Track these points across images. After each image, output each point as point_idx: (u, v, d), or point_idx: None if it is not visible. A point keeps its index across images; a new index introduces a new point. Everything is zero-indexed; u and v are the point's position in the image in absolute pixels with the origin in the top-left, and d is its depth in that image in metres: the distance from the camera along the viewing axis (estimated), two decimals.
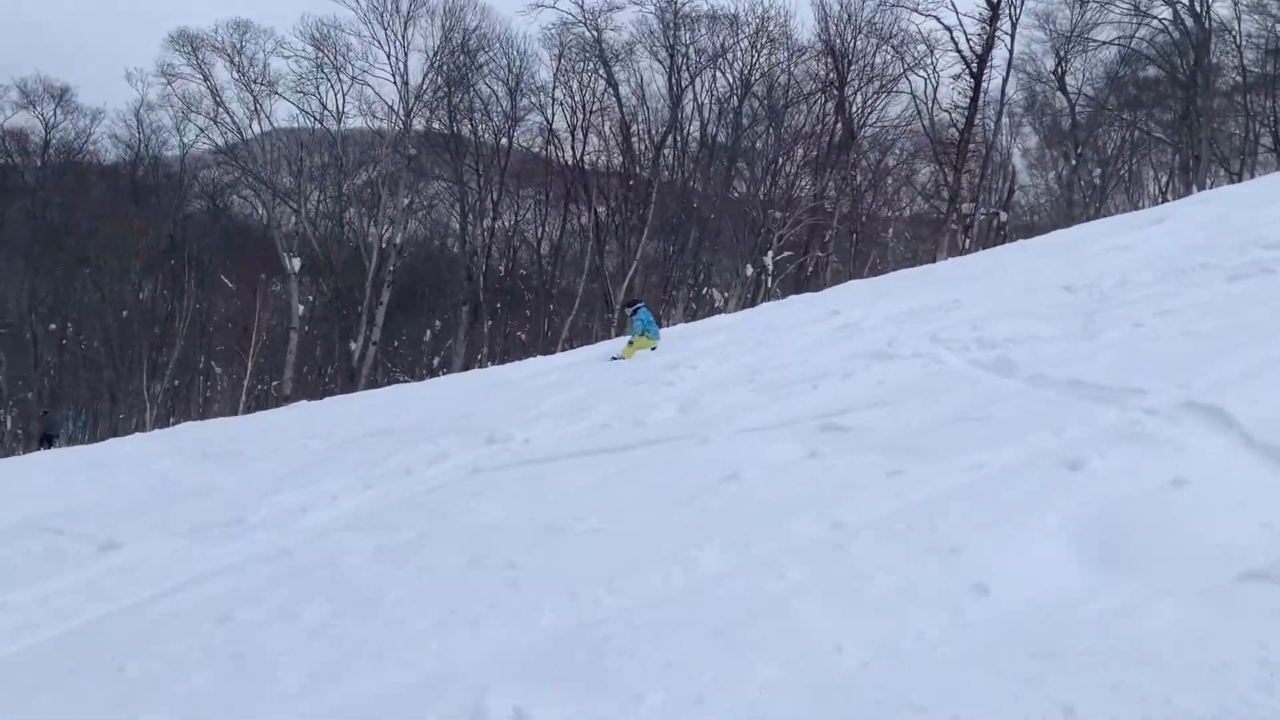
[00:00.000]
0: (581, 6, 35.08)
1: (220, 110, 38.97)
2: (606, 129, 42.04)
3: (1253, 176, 31.67)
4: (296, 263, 40.32)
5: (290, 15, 51.99)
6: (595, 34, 36.29)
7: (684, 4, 34.46)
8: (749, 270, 37.31)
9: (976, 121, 30.53)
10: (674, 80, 35.78)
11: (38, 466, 12.34)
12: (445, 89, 40.18)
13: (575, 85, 40.61)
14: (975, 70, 30.59)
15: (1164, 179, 41.74)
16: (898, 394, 5.70)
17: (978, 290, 9.44)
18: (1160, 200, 41.03)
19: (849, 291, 14.03)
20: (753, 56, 37.08)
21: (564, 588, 3.53)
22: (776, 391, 6.75)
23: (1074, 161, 34.52)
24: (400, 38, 39.67)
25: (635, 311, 13.92)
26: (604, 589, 3.43)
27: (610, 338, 35.87)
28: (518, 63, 40.60)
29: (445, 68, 39.99)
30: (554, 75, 41.01)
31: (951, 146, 31.60)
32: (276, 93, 38.28)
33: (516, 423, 7.75)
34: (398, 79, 39.77)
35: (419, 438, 8.20)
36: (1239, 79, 33.91)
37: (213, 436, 12.04)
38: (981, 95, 30.52)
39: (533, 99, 41.25)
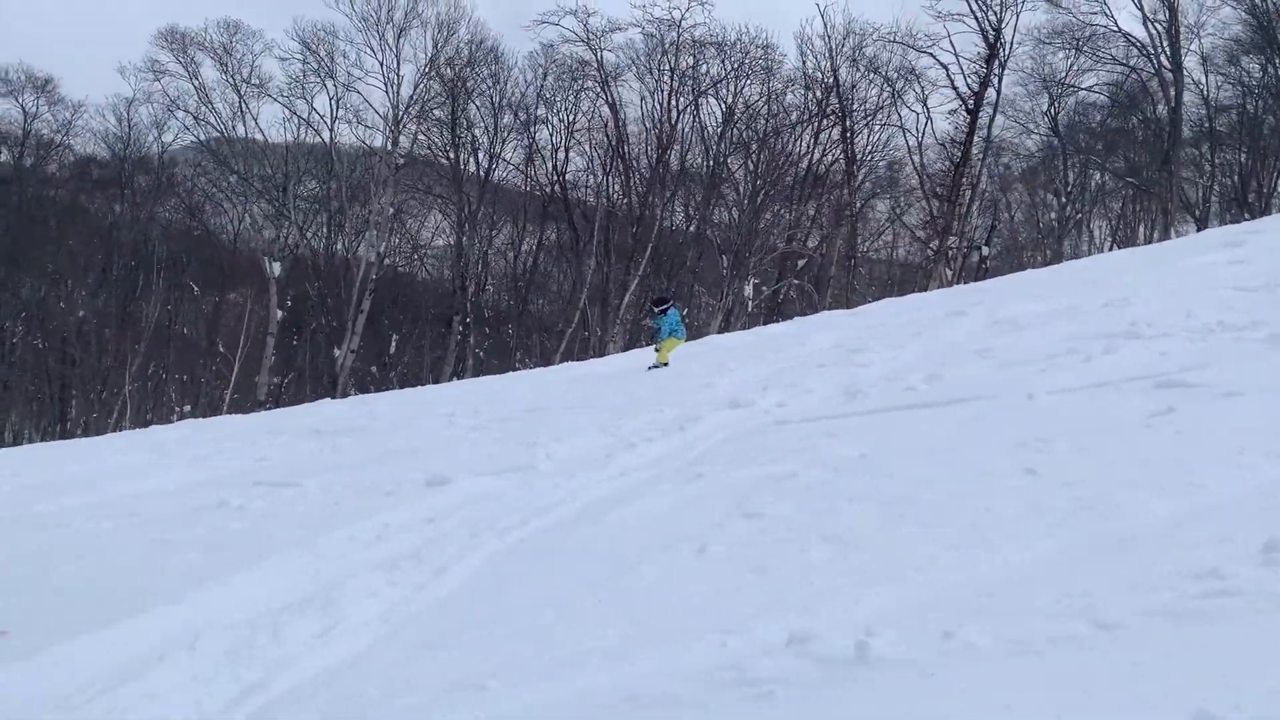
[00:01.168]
0: (585, 25, 35.44)
1: (205, 109, 38.25)
2: (589, 148, 42.51)
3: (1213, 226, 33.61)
4: (276, 267, 39.51)
5: (283, 19, 51.38)
6: (597, 54, 36.66)
7: (685, 30, 35.05)
8: (748, 290, 37.87)
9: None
10: (673, 103, 36.34)
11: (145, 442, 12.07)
12: (440, 99, 40.07)
13: (563, 105, 41.07)
14: (971, 107, 31.85)
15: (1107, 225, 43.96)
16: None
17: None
18: (1111, 246, 43.16)
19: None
20: (740, 85, 37.92)
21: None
22: (1016, 367, 7.02)
23: (1063, 199, 36.05)
24: (393, 48, 39.50)
25: (665, 310, 13.00)
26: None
27: (594, 355, 36.16)
28: (504, 79, 40.86)
29: (439, 79, 39.91)
30: (538, 94, 41.41)
31: (942, 181, 32.75)
32: (268, 94, 37.70)
33: (738, 394, 7.89)
34: (390, 89, 39.56)
35: (605, 410, 8.29)
36: (1205, 129, 35.98)
37: (296, 424, 11.92)
38: (976, 132, 31.76)
39: (518, 115, 41.48)
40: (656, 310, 13.14)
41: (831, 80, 34.33)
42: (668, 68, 36.18)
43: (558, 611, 3.54)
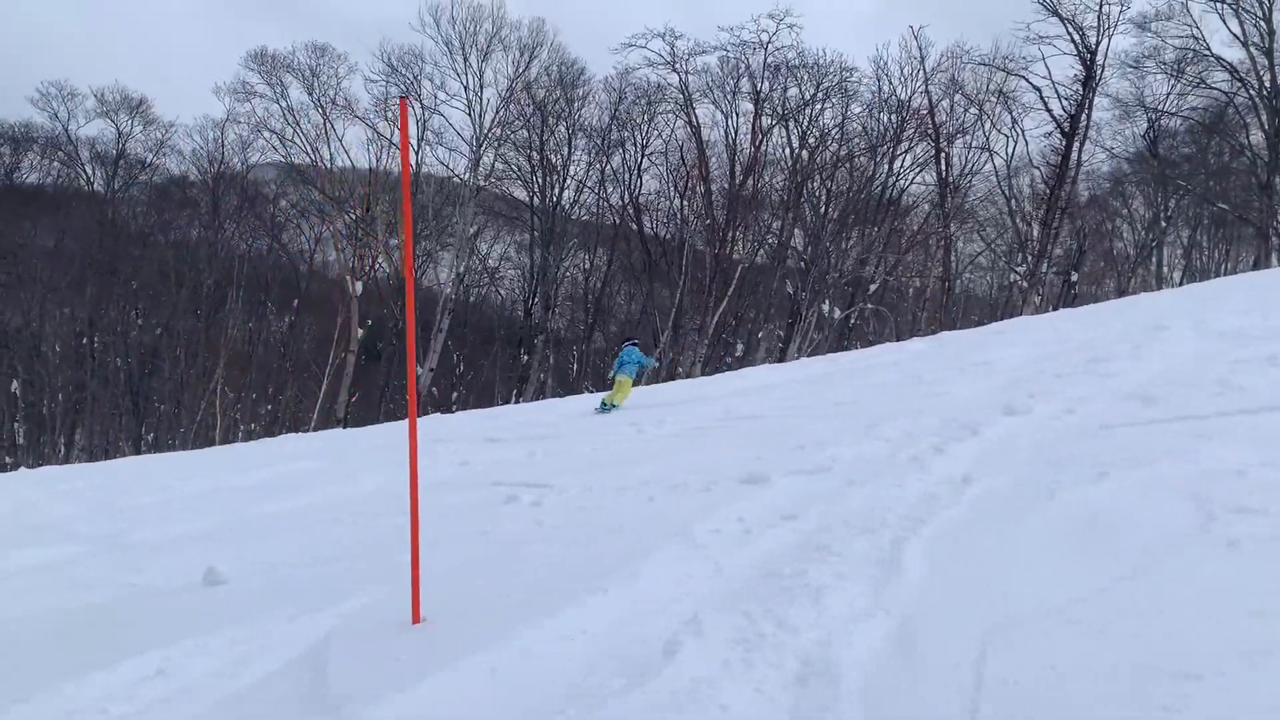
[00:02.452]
0: (672, 48, 35.57)
1: (293, 130, 38.87)
2: (665, 170, 42.56)
3: None
4: (358, 286, 39.90)
5: (370, 41, 52.75)
6: (681, 76, 36.77)
7: (771, 53, 35.04)
8: (836, 313, 37.57)
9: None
10: (757, 126, 36.27)
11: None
12: (520, 121, 40.42)
13: (638, 128, 41.16)
14: (1067, 130, 31.44)
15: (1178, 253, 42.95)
16: None
17: None
18: (1182, 275, 42.29)
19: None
20: (820, 107, 37.78)
21: None
22: None
23: (1163, 224, 35.38)
24: (476, 71, 39.95)
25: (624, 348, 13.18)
26: None
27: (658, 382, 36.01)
28: (581, 102, 41.07)
29: (519, 101, 40.27)
30: (612, 116, 41.61)
31: (1037, 205, 32.30)
32: (355, 115, 38.21)
33: (1001, 400, 7.64)
34: (472, 112, 39.95)
35: (836, 418, 8.07)
36: None
37: (489, 430, 11.86)
38: (1073, 155, 31.34)
39: (593, 139, 41.69)
40: (620, 347, 13.45)
41: (924, 102, 34.10)
42: (748, 90, 36.11)
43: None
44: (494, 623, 3.83)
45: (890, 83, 36.25)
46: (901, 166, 37.67)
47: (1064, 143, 31.52)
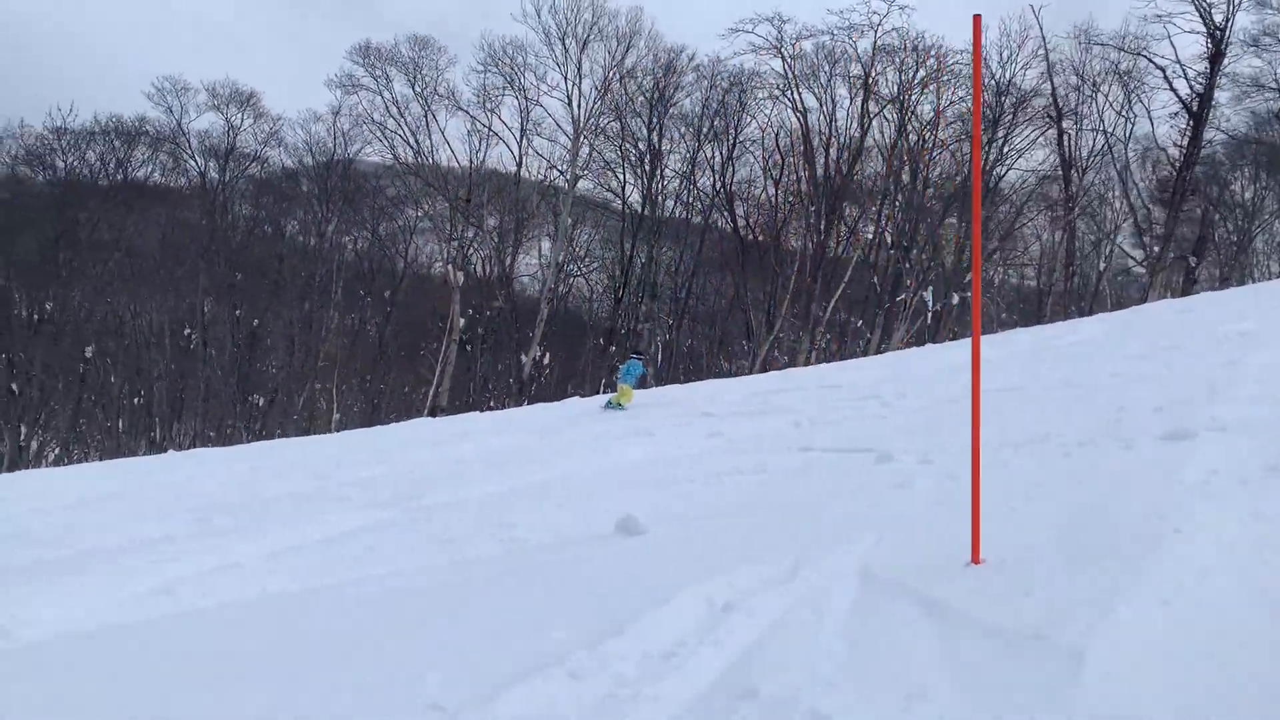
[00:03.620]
0: (780, 32, 35.17)
1: (397, 121, 39.29)
2: (762, 157, 42.18)
3: None
4: (460, 276, 40.20)
5: (471, 32, 53.29)
6: (786, 62, 36.37)
7: (880, 35, 34.48)
8: (928, 297, 36.99)
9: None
10: (865, 109, 35.78)
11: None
12: (616, 112, 40.36)
13: (729, 116, 40.79)
14: (1195, 110, 30.42)
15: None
16: None
17: None
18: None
19: None
20: (926, 91, 37.10)
21: None
22: None
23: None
24: (576, 62, 39.96)
25: (628, 361, 15.30)
26: None
27: (751, 372, 35.73)
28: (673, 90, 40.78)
29: (613, 95, 40.20)
30: (703, 106, 41.34)
31: (1164, 188, 31.34)
32: (459, 107, 38.45)
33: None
34: (572, 102, 39.98)
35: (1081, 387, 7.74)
36: None
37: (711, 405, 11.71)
38: (1202, 135, 30.32)
39: (690, 127, 41.46)
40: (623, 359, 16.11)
41: (1036, 84, 33.32)
42: (848, 75, 35.56)
43: None
44: (1064, 564, 3.62)
45: (989, 66, 35.45)
46: (1007, 151, 36.89)
47: (1190, 123, 30.51)
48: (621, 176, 42.77)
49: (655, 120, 41.29)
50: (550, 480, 7.69)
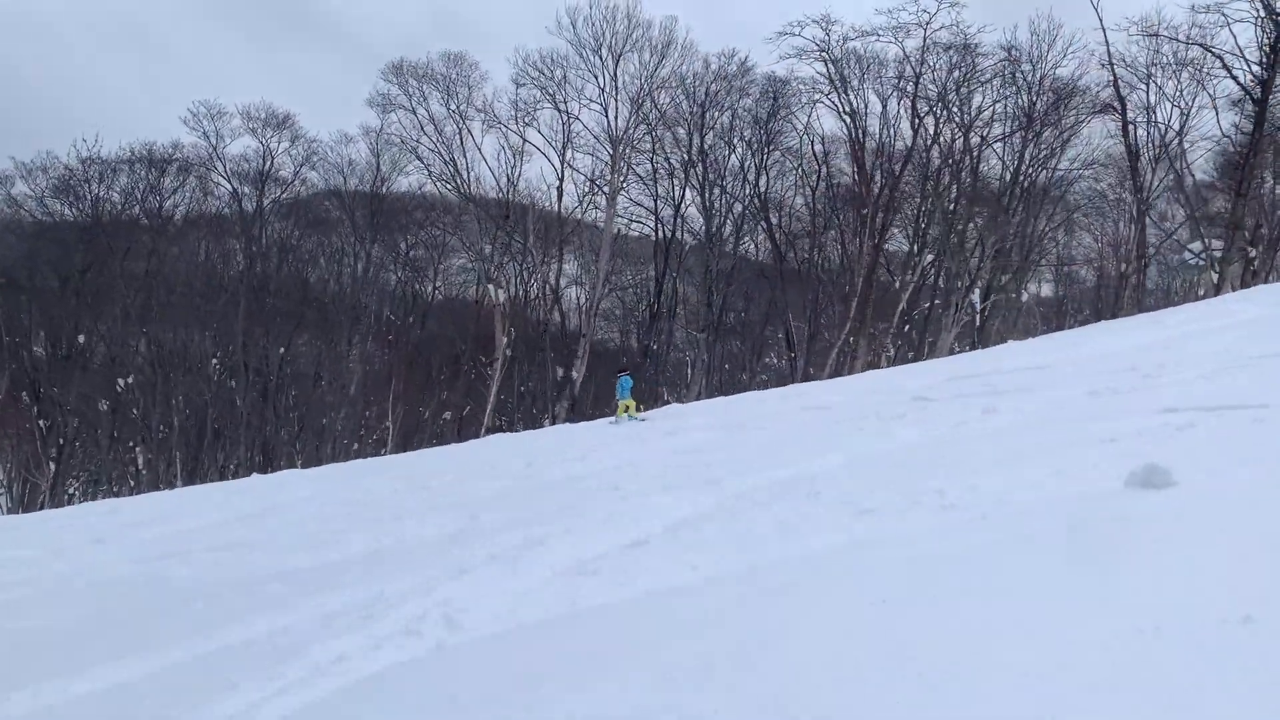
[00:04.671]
0: (827, 33, 34.72)
1: (433, 139, 38.65)
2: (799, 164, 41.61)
3: None
4: (500, 294, 39.46)
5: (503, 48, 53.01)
6: (832, 65, 35.91)
7: (932, 33, 34.08)
8: (976, 301, 36.45)
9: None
10: (915, 108, 35.35)
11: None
12: (654, 123, 39.80)
13: (762, 123, 40.22)
14: (1259, 96, 30.03)
15: None
16: None
17: None
18: None
19: None
20: (974, 88, 36.66)
21: None
22: None
23: None
24: (612, 74, 39.43)
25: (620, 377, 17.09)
26: None
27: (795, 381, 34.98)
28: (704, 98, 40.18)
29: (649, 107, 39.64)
30: (733, 113, 40.81)
31: (1232, 176, 30.88)
32: (497, 122, 37.84)
33: None
34: (608, 114, 39.43)
35: None
36: None
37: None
38: (1264, 121, 29.87)
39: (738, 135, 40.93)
40: (616, 377, 17.33)
41: (1093, 76, 32.96)
42: (904, 75, 35.17)
43: None
44: None
45: (1019, 64, 35.01)
46: (1053, 149, 36.46)
47: (1256, 110, 30.09)
48: (654, 189, 42.19)
49: (696, 130, 40.40)
50: (875, 454, 6.90)
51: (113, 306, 37.64)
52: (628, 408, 16.14)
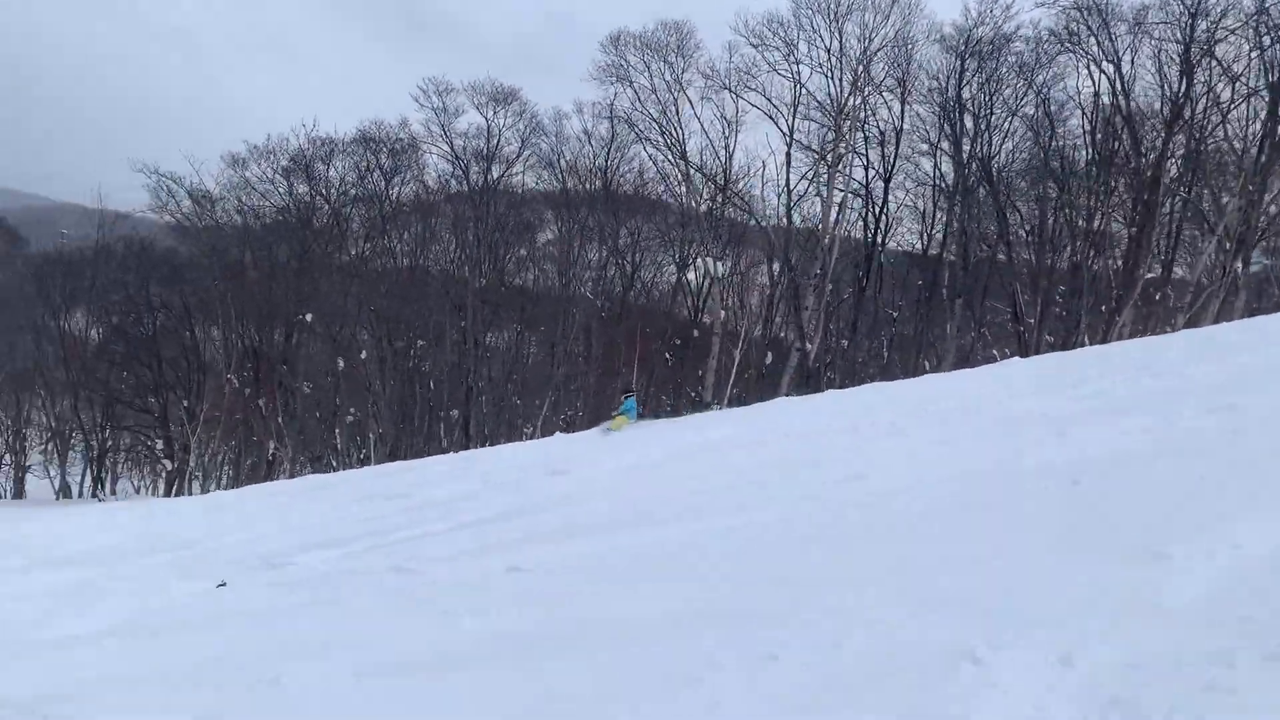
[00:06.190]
0: None
1: (655, 108, 37.89)
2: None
3: None
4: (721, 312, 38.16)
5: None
6: (1086, 19, 32.88)
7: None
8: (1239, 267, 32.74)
9: None
10: (1186, 60, 31.91)
11: None
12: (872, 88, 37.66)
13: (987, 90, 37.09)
14: None
15: None
16: None
17: None
18: None
19: None
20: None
21: None
22: None
23: None
24: (838, 34, 37.61)
25: (626, 398, 18.61)
26: None
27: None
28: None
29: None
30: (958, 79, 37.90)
31: None
32: (727, 87, 36.72)
33: None
34: (832, 78, 37.60)
35: None
36: None
37: None
38: None
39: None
40: (622, 397, 18.82)
41: None
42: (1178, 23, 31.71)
43: None
44: None
45: None
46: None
47: None
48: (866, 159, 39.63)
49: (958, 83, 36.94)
50: None
51: (344, 284, 38.10)
52: (619, 423, 17.55)
